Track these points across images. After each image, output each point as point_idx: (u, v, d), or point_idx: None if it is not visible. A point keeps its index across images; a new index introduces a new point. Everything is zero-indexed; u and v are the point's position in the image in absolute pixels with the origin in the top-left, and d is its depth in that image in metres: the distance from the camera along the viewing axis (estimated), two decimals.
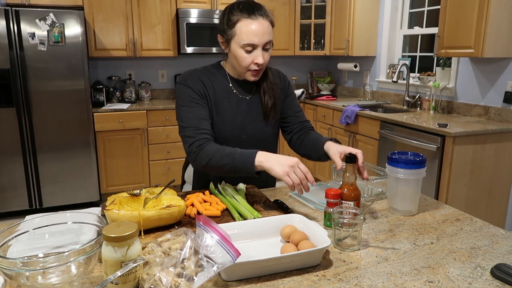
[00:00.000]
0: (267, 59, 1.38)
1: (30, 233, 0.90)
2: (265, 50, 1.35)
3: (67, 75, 3.40)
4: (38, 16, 3.22)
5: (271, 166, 1.19)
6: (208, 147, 1.31)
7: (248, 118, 1.47)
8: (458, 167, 2.69)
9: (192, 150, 1.34)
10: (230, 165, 1.25)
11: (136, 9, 3.89)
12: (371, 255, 1.01)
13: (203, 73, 1.45)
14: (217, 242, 0.83)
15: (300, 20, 4.51)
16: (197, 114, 1.38)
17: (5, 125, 3.30)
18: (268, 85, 1.48)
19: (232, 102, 1.46)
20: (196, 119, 1.37)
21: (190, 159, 1.37)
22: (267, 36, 1.33)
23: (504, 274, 0.88)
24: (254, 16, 1.31)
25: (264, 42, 1.33)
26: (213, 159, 1.28)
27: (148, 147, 3.87)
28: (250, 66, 1.36)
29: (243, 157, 1.24)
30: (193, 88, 1.40)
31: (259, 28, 1.31)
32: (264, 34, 1.32)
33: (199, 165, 1.34)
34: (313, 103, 4.22)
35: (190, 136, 1.35)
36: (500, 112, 2.96)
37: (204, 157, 1.31)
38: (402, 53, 4.09)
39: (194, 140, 1.34)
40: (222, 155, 1.27)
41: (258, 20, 1.31)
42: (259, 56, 1.34)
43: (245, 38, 1.31)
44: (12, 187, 3.42)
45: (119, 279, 0.79)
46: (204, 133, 1.36)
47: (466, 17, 2.76)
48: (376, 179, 1.40)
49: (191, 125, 1.36)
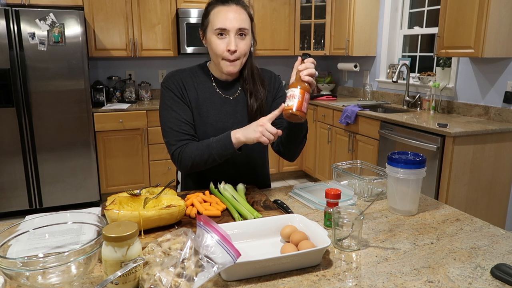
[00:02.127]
0: (243, 48, 1.35)
1: (30, 233, 0.90)
2: (240, 39, 1.34)
3: (67, 75, 3.40)
4: (38, 16, 3.22)
5: (246, 135, 1.26)
6: (186, 150, 1.35)
7: (232, 120, 1.45)
8: (458, 167, 2.69)
9: (175, 157, 1.38)
10: (213, 155, 1.31)
11: (136, 9, 3.89)
12: (371, 255, 1.01)
13: (185, 74, 1.45)
14: (217, 242, 0.83)
15: (300, 20, 4.51)
16: (178, 118, 1.39)
17: (5, 125, 3.30)
18: (253, 86, 1.45)
19: (215, 103, 1.44)
20: (177, 123, 1.38)
21: (176, 165, 1.41)
22: (240, 22, 1.32)
23: (504, 274, 0.88)
24: (227, 3, 1.33)
25: (236, 28, 1.32)
26: (195, 158, 1.33)
27: (148, 147, 3.88)
28: (224, 54, 1.34)
29: (220, 143, 1.30)
30: (173, 90, 1.41)
31: (230, 13, 1.32)
32: (236, 20, 1.32)
33: (185, 169, 1.38)
34: (313, 103, 4.22)
35: (171, 143, 1.38)
36: (500, 112, 2.96)
37: (187, 160, 1.35)
38: (402, 53, 4.09)
39: (176, 147, 1.38)
40: (201, 151, 1.33)
41: (231, 7, 1.33)
42: (231, 42, 1.32)
43: (217, 23, 1.32)
44: (12, 187, 3.42)
45: (119, 279, 0.79)
46: (185, 138, 1.38)
47: (466, 17, 2.76)
48: (376, 179, 1.40)
49: (173, 129, 1.39)
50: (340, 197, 1.16)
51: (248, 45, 1.36)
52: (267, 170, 1.64)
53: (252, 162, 1.53)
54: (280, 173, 4.55)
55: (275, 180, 4.53)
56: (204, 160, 1.33)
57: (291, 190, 1.46)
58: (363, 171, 1.54)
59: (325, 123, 4.06)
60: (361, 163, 1.54)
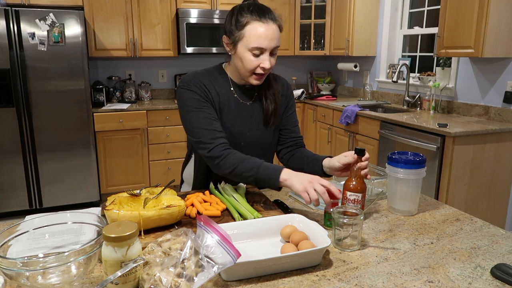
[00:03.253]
0: (273, 64, 1.36)
1: (30, 233, 0.90)
2: (272, 55, 1.34)
3: (67, 75, 3.40)
4: (38, 16, 3.22)
5: (293, 184, 1.19)
6: (232, 156, 1.30)
7: (247, 126, 1.45)
8: (458, 167, 2.69)
9: (214, 156, 1.31)
10: (254, 177, 1.27)
11: (136, 9, 3.89)
12: (371, 255, 1.01)
13: (204, 76, 1.42)
14: (217, 243, 0.83)
15: (300, 20, 4.51)
16: (207, 116, 1.35)
17: (5, 125, 3.30)
18: (269, 90, 1.46)
19: (232, 107, 1.44)
20: (208, 122, 1.34)
21: (211, 165, 1.35)
22: (276, 41, 1.31)
23: (504, 274, 0.88)
24: (265, 19, 1.29)
25: (272, 47, 1.31)
26: (237, 169, 1.28)
27: (148, 147, 3.87)
28: (256, 70, 1.34)
29: (268, 172, 1.25)
30: (196, 91, 1.37)
31: (269, 32, 1.29)
32: (273, 39, 1.30)
33: (221, 172, 1.33)
34: (313, 103, 4.22)
35: (206, 142, 1.32)
36: (500, 112, 2.96)
37: (228, 165, 1.30)
38: (402, 53, 4.09)
39: (213, 146, 1.32)
40: (247, 167, 1.28)
41: (269, 24, 1.29)
42: (266, 60, 1.32)
43: (254, 41, 1.29)
44: (12, 187, 3.42)
45: (119, 279, 0.79)
46: (220, 136, 1.34)
47: (466, 17, 2.76)
48: (376, 179, 1.40)
49: (205, 128, 1.33)
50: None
51: (276, 58, 1.37)
52: None
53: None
54: None
55: None
56: (244, 177, 1.29)
57: (291, 190, 1.46)
58: None
59: (325, 123, 4.06)
60: None
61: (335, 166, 1.29)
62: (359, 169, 1.17)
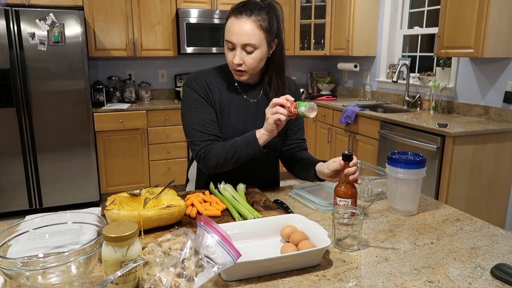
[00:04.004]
0: (249, 63, 1.34)
1: (30, 233, 0.90)
2: (247, 53, 1.33)
3: (67, 75, 3.40)
4: (38, 16, 3.22)
5: (266, 128, 1.27)
6: (212, 149, 1.35)
7: (252, 123, 1.45)
8: (458, 167, 2.69)
9: (200, 157, 1.37)
10: (238, 153, 1.32)
11: (136, 9, 3.89)
12: (371, 255, 1.01)
13: (209, 75, 1.44)
14: (217, 243, 0.83)
15: (300, 20, 4.51)
16: (202, 118, 1.38)
17: (5, 125, 3.30)
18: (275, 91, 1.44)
19: (237, 105, 1.44)
20: (201, 123, 1.37)
21: (200, 166, 1.39)
22: (246, 37, 1.30)
23: (504, 274, 0.88)
24: (240, 15, 1.31)
25: (241, 43, 1.30)
26: (220, 157, 1.33)
27: (148, 147, 3.87)
28: (232, 65, 1.37)
29: (245, 140, 1.31)
30: (197, 90, 1.40)
31: (238, 27, 1.30)
32: (243, 35, 1.30)
33: (210, 169, 1.37)
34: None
35: (196, 143, 1.37)
36: (500, 112, 2.96)
37: (212, 160, 1.35)
38: (402, 53, 4.09)
39: (200, 147, 1.36)
40: (226, 150, 1.33)
41: (241, 20, 1.30)
42: (235, 56, 1.33)
43: (226, 35, 1.34)
44: (12, 187, 3.42)
45: (119, 279, 0.79)
46: (210, 139, 1.37)
47: (466, 17, 2.76)
48: (376, 179, 1.40)
49: (197, 129, 1.37)
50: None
51: (257, 59, 1.34)
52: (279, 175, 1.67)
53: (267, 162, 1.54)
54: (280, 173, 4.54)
55: None
56: (229, 159, 1.33)
57: (291, 190, 1.46)
58: (363, 171, 1.54)
59: (325, 123, 4.06)
60: (361, 163, 1.54)
61: (325, 172, 1.29)
62: (347, 175, 1.17)
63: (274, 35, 1.37)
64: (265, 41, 1.33)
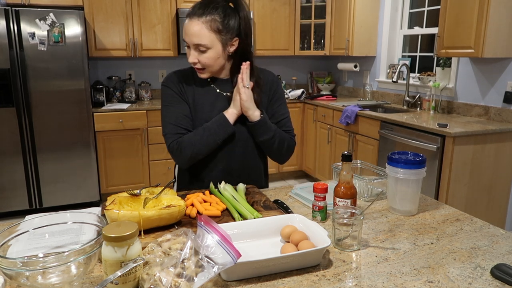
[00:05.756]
0: (204, 62, 1.39)
1: (30, 233, 0.90)
2: (201, 52, 1.37)
3: (67, 75, 3.40)
4: (38, 16, 3.22)
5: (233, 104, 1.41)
6: (184, 138, 1.41)
7: None
8: (458, 167, 2.69)
9: (173, 149, 1.43)
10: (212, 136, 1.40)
11: (136, 9, 3.89)
12: (371, 255, 1.01)
13: (184, 73, 1.51)
14: (217, 243, 0.83)
15: (300, 20, 4.51)
16: (176, 112, 1.45)
17: (5, 125, 3.30)
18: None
19: (210, 99, 1.48)
20: (175, 117, 1.44)
21: (174, 158, 1.46)
22: (196, 38, 1.35)
23: (504, 274, 0.88)
24: (193, 16, 1.36)
25: (192, 43, 1.37)
26: (195, 144, 1.40)
27: (148, 147, 3.87)
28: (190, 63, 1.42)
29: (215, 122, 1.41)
30: (172, 88, 1.47)
31: (189, 28, 1.36)
32: (192, 35, 1.36)
33: (185, 159, 1.43)
34: (313, 103, 4.22)
35: (169, 136, 1.44)
36: (500, 112, 2.96)
37: (187, 148, 1.40)
38: (402, 53, 4.09)
39: (172, 139, 1.43)
40: (199, 135, 1.40)
41: (192, 21, 1.36)
42: (189, 55, 1.40)
43: (183, 35, 1.40)
44: (12, 187, 3.42)
45: (119, 279, 0.79)
46: (181, 132, 1.43)
47: (466, 17, 2.76)
48: (376, 179, 1.40)
49: (171, 123, 1.44)
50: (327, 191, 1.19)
51: (212, 58, 1.38)
52: (261, 171, 1.62)
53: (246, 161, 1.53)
54: (280, 173, 4.55)
55: (275, 180, 4.53)
56: (204, 144, 1.39)
57: (291, 190, 1.46)
58: (363, 171, 1.54)
59: (325, 123, 4.06)
60: (361, 163, 1.54)
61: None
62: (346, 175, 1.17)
63: (233, 33, 1.39)
64: (217, 41, 1.38)
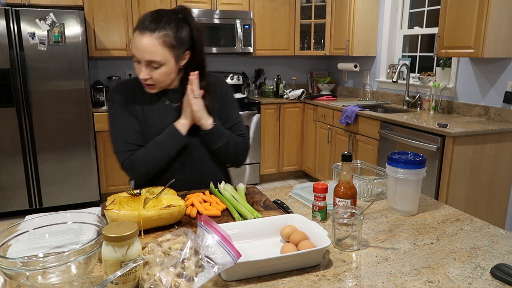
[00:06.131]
0: (156, 78, 1.33)
1: (30, 233, 0.90)
2: (153, 68, 1.31)
3: (67, 75, 3.40)
4: (38, 16, 3.22)
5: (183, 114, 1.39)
6: (136, 155, 1.38)
7: None
8: (458, 167, 2.69)
9: (127, 166, 1.40)
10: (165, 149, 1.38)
11: (136, 9, 3.89)
12: (371, 255, 1.01)
13: (130, 84, 1.45)
14: (217, 243, 0.83)
15: (300, 20, 4.51)
16: (125, 128, 1.41)
17: (5, 125, 3.30)
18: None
19: (159, 111, 1.44)
20: (124, 133, 1.40)
21: (130, 176, 1.43)
22: (148, 55, 1.28)
23: (504, 274, 0.88)
24: (144, 30, 1.28)
25: (145, 60, 1.30)
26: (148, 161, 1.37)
27: None
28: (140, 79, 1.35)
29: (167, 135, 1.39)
30: (117, 102, 1.42)
31: (140, 43, 1.28)
32: (146, 52, 1.28)
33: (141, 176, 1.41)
34: (313, 103, 4.22)
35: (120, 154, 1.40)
36: (500, 112, 2.96)
37: (141, 166, 1.38)
38: (402, 53, 4.09)
39: (124, 158, 1.40)
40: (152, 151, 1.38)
41: (144, 36, 1.28)
42: (141, 71, 1.33)
43: (132, 48, 1.33)
44: (12, 187, 3.42)
45: (119, 279, 0.79)
46: (132, 149, 1.39)
47: (466, 17, 2.76)
48: (376, 179, 1.40)
49: (121, 139, 1.40)
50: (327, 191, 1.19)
51: (164, 74, 1.33)
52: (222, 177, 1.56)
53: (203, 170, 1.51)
54: (280, 173, 4.55)
55: (275, 180, 4.53)
56: (157, 158, 1.38)
57: (291, 190, 1.46)
58: (363, 171, 1.54)
59: (325, 123, 4.06)
60: (361, 163, 1.54)
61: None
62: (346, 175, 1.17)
63: (185, 46, 1.35)
64: (171, 57, 1.32)
